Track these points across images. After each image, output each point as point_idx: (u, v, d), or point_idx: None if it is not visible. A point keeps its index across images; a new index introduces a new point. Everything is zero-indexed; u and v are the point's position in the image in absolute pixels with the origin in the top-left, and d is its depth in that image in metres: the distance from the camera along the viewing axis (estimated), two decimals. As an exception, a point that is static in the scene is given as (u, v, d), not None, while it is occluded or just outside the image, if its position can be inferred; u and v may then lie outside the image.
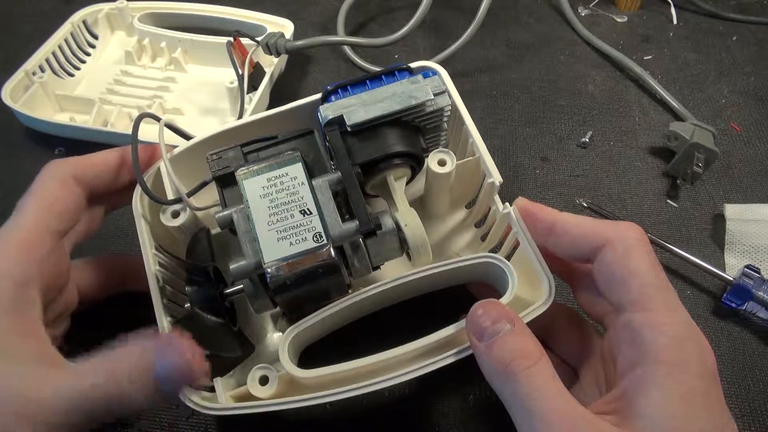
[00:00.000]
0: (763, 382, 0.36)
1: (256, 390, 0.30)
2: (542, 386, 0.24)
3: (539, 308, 0.29)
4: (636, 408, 0.24)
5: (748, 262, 0.41)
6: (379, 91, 0.34)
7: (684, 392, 0.24)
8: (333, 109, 0.33)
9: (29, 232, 0.30)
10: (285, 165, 0.32)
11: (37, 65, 0.51)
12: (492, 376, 0.26)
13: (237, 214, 0.31)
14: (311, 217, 0.30)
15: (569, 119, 0.52)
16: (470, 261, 0.31)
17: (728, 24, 0.62)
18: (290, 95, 0.54)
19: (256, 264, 0.30)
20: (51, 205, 0.31)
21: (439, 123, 0.36)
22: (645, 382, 0.24)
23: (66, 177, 0.32)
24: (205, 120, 0.51)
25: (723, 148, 0.49)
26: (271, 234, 0.30)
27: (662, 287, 0.27)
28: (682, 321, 0.26)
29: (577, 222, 0.29)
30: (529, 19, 0.63)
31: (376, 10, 0.64)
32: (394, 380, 0.28)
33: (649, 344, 0.25)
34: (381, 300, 0.33)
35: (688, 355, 0.25)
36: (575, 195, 0.46)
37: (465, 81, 0.56)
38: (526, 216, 0.31)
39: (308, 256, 0.29)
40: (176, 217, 0.33)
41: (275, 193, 0.31)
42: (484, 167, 0.34)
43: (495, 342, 0.26)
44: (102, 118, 0.49)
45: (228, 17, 0.56)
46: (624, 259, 0.27)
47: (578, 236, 0.29)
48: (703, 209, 0.46)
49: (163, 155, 0.33)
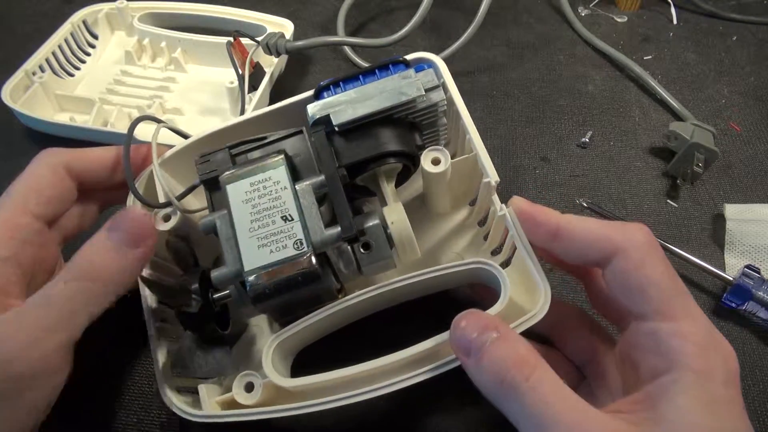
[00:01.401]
0: (763, 382, 0.36)
1: (242, 397, 0.29)
2: (550, 395, 0.23)
3: (533, 318, 0.28)
4: (659, 412, 0.24)
5: (748, 262, 0.41)
6: (369, 87, 0.33)
7: (709, 400, 0.24)
8: (320, 108, 0.32)
9: (12, 213, 0.30)
10: (268, 169, 0.31)
11: (37, 65, 0.51)
12: (490, 391, 0.25)
13: (220, 219, 0.30)
14: (293, 224, 0.30)
15: (569, 119, 0.52)
16: (462, 267, 0.30)
17: (728, 24, 0.62)
18: (290, 95, 0.53)
19: (236, 272, 0.29)
20: (39, 189, 0.31)
21: (436, 118, 0.35)
22: (671, 388, 0.24)
23: (57, 164, 0.32)
24: (205, 120, 0.51)
25: (723, 148, 0.49)
26: (252, 241, 0.29)
27: (681, 293, 0.26)
28: (706, 328, 0.26)
29: (584, 226, 0.28)
30: (529, 19, 0.63)
31: (376, 10, 0.64)
32: (382, 390, 0.27)
33: (675, 353, 0.25)
34: (373, 304, 0.32)
35: (713, 363, 0.25)
36: (575, 195, 0.46)
37: (465, 81, 0.56)
38: (525, 219, 0.30)
39: (288, 264, 0.29)
40: (167, 220, 0.33)
41: (257, 198, 0.30)
42: (480, 166, 0.33)
43: (483, 354, 0.25)
44: (102, 118, 0.49)
45: (228, 17, 0.56)
46: (640, 268, 0.26)
47: (586, 242, 0.28)
48: (703, 209, 0.46)
49: (153, 159, 0.33)
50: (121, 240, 0.28)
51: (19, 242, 0.29)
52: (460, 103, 0.34)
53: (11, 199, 0.30)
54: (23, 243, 0.30)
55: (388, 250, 0.30)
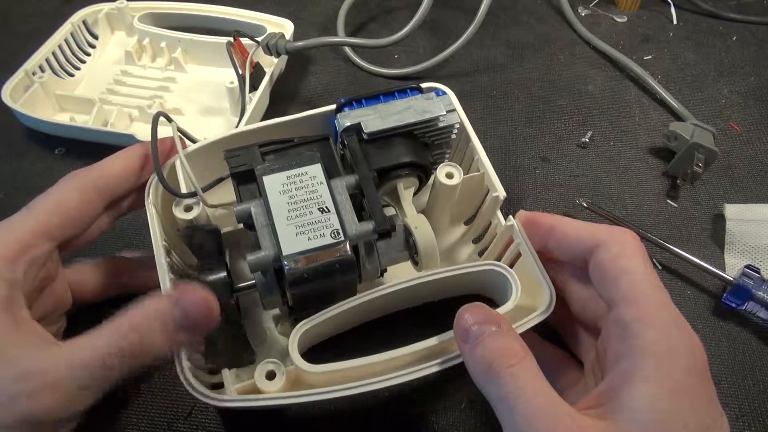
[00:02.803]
0: (763, 382, 0.36)
1: (263, 384, 0.30)
2: (524, 384, 0.25)
3: (540, 315, 0.30)
4: (621, 401, 0.24)
5: (748, 262, 0.41)
6: (394, 104, 0.36)
7: (671, 386, 0.24)
8: (351, 117, 0.35)
9: (29, 233, 0.29)
10: (304, 164, 0.33)
11: (37, 65, 0.51)
12: (476, 375, 0.26)
13: (255, 207, 0.31)
14: (329, 215, 0.31)
15: (569, 119, 0.52)
16: (477, 267, 0.32)
17: (728, 24, 0.62)
18: (290, 95, 0.54)
19: (275, 256, 0.30)
20: (64, 212, 0.31)
21: (447, 140, 0.38)
22: (632, 375, 0.24)
23: (87, 188, 0.32)
24: (205, 120, 0.51)
25: (723, 148, 0.49)
26: (290, 228, 0.30)
27: (653, 285, 0.27)
28: (672, 317, 0.26)
29: (575, 225, 0.31)
30: (529, 19, 0.63)
31: (376, 10, 0.64)
32: (397, 379, 0.28)
33: (637, 338, 0.25)
34: (387, 304, 0.34)
35: (676, 350, 0.25)
36: (575, 195, 0.46)
37: (465, 81, 0.56)
38: (529, 224, 0.32)
39: (326, 251, 0.30)
40: (189, 210, 0.34)
41: (294, 191, 0.32)
42: (488, 182, 0.36)
43: (479, 343, 0.26)
44: (102, 118, 0.49)
45: (228, 17, 0.56)
46: (617, 258, 0.28)
47: (575, 238, 0.30)
48: (703, 209, 0.46)
49: (179, 150, 0.34)
50: (180, 324, 0.27)
51: (26, 262, 0.29)
52: (470, 126, 0.37)
53: (33, 217, 0.30)
54: (31, 264, 0.29)
55: (404, 240, 0.34)
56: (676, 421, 0.23)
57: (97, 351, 0.26)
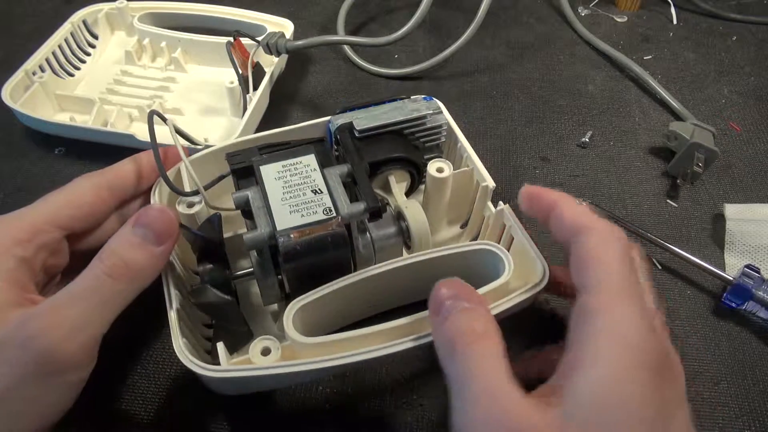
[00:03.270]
0: (763, 382, 0.36)
1: (258, 360, 0.30)
2: (478, 364, 0.24)
3: (533, 288, 0.31)
4: (570, 387, 0.23)
5: (748, 261, 0.41)
6: (383, 107, 0.39)
7: (620, 374, 0.23)
8: (344, 118, 0.38)
9: (39, 219, 0.31)
10: (299, 155, 0.35)
11: (37, 65, 0.51)
12: (438, 350, 0.26)
13: (252, 192, 0.33)
14: (322, 195, 0.33)
15: (569, 119, 0.52)
16: (470, 247, 0.33)
17: (728, 24, 0.62)
18: (290, 95, 0.54)
19: (269, 233, 0.31)
20: (78, 205, 0.32)
21: (437, 142, 0.40)
22: (582, 360, 0.24)
23: (101, 185, 0.33)
24: (206, 120, 0.51)
25: (723, 148, 0.49)
26: (285, 208, 0.32)
27: (624, 278, 0.26)
28: (636, 307, 0.25)
29: (572, 207, 0.30)
30: (529, 19, 0.63)
31: (376, 10, 0.65)
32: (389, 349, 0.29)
33: (592, 324, 0.25)
34: (383, 293, 0.34)
35: (632, 342, 0.24)
36: (575, 195, 0.46)
37: (465, 81, 0.56)
38: (532, 198, 0.32)
39: (318, 226, 0.31)
40: (191, 207, 0.35)
41: (289, 176, 0.34)
42: (477, 175, 0.37)
43: (447, 318, 0.26)
44: (102, 118, 0.49)
45: (228, 17, 0.56)
46: (596, 247, 0.27)
47: (568, 219, 0.29)
48: (703, 209, 0.46)
49: (180, 152, 0.35)
50: (147, 237, 0.29)
51: (37, 245, 0.30)
52: (457, 128, 0.40)
53: (45, 206, 0.32)
54: (41, 248, 0.30)
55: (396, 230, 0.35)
56: (620, 409, 0.22)
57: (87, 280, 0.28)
